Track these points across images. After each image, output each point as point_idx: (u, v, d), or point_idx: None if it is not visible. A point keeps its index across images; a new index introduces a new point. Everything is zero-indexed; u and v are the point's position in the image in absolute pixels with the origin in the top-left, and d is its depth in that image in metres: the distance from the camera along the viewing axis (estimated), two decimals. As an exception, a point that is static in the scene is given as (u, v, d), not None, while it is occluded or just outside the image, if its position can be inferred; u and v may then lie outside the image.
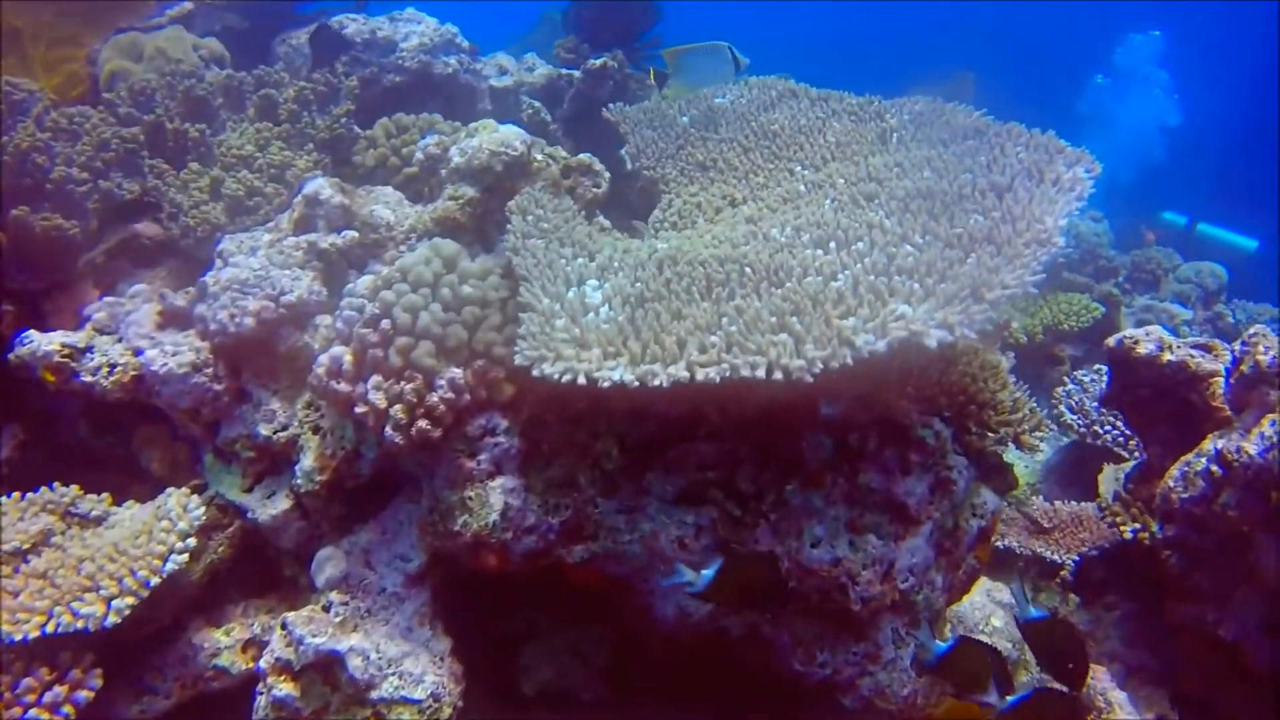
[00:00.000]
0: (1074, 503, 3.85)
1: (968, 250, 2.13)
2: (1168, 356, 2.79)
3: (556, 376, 1.94)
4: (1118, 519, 2.95)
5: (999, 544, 3.72)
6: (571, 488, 2.35)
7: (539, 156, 3.03)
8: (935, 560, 2.50)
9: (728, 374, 1.87)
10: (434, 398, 2.17)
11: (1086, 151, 2.55)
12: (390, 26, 3.70)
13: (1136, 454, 3.76)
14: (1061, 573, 3.53)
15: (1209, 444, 2.53)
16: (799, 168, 2.94)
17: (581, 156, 3.05)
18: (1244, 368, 2.43)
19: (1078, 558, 3.54)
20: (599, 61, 4.07)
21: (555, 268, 2.26)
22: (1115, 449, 3.92)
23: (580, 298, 2.15)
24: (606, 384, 1.91)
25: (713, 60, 3.30)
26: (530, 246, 2.35)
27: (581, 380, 1.92)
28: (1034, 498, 4.03)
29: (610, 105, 3.40)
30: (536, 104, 4.11)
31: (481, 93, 3.89)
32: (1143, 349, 2.83)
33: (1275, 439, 2.24)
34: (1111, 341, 2.92)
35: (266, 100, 3.29)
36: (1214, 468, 2.43)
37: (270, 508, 2.48)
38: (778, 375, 1.83)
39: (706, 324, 1.99)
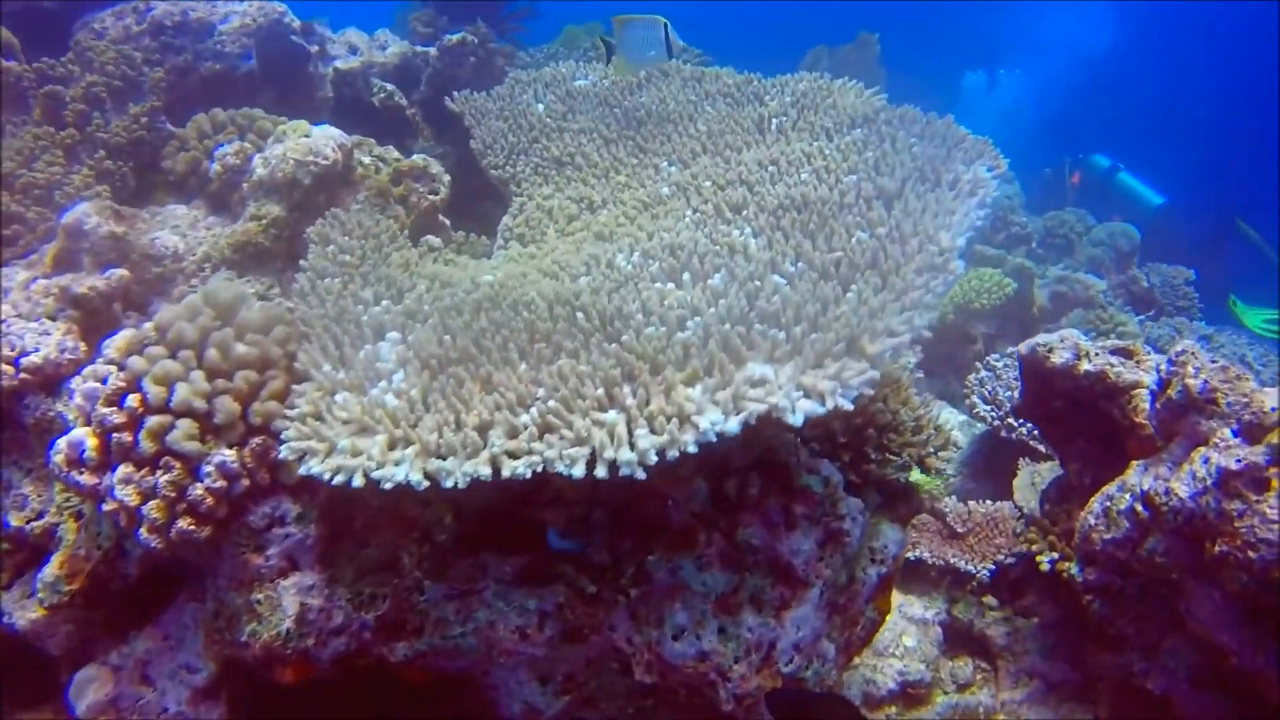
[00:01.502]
0: (989, 503, 3.50)
1: (848, 281, 1.69)
2: (1085, 366, 2.41)
3: (327, 478, 1.47)
4: (1034, 546, 2.58)
5: (910, 555, 3.37)
6: (392, 571, 1.90)
7: (365, 160, 2.53)
8: (827, 626, 2.11)
9: (540, 469, 1.42)
10: (198, 489, 1.69)
11: (990, 143, 2.12)
12: (206, 6, 3.12)
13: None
14: (976, 579, 3.18)
15: (1133, 476, 2.15)
16: (665, 163, 2.47)
17: (415, 159, 2.54)
18: (1171, 392, 2.04)
19: (993, 567, 3.20)
20: (456, 37, 3.54)
21: (348, 318, 1.78)
22: (1030, 442, 3.57)
23: (371, 360, 1.68)
24: (389, 486, 1.45)
25: (647, 36, 2.72)
26: (322, 290, 1.86)
27: (358, 482, 1.46)
28: (948, 497, 3.67)
29: (455, 94, 2.88)
30: (389, 87, 3.57)
31: (320, 79, 3.34)
32: (1057, 358, 2.44)
33: (1209, 480, 1.87)
34: (1023, 349, 2.53)
35: (51, 99, 2.71)
36: (1139, 507, 2.05)
37: (30, 610, 1.98)
38: (601, 472, 1.39)
39: (520, 397, 1.53)
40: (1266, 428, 1.90)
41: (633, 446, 1.40)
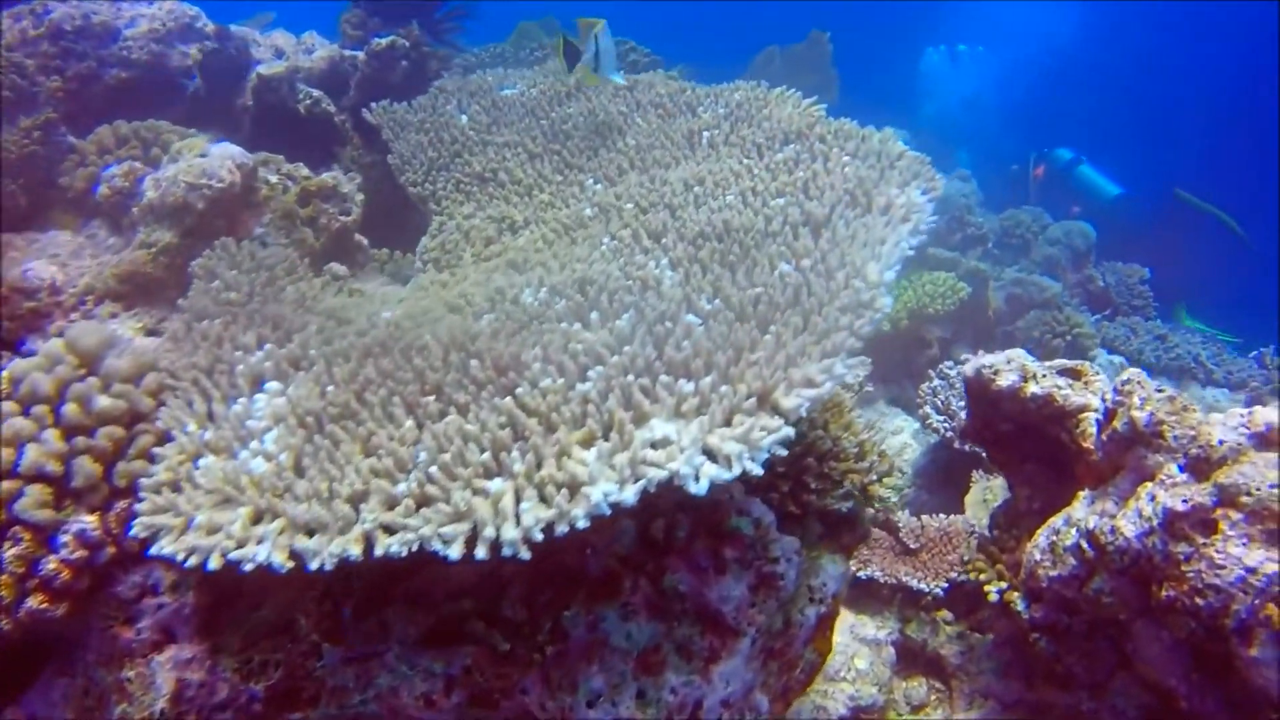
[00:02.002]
0: (942, 517, 3.38)
1: (767, 321, 1.54)
2: (1032, 389, 2.27)
3: (180, 561, 1.30)
4: (982, 575, 2.45)
5: (862, 573, 3.24)
6: (287, 635, 1.73)
7: (272, 179, 2.34)
8: (760, 675, 1.96)
9: (415, 547, 1.26)
10: (51, 563, 1.51)
11: (926, 161, 1.97)
12: (110, 8, 2.91)
13: (1005, 466, 3.28)
14: (927, 598, 3.06)
15: (1079, 510, 2.02)
16: (591, 180, 2.31)
17: (325, 177, 2.36)
18: (1117, 424, 1.91)
19: (947, 585, 3.08)
20: (385, 40, 3.34)
21: (221, 367, 1.60)
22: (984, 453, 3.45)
23: (242, 417, 1.50)
24: (249, 568, 1.28)
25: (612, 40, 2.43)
26: (197, 334, 1.68)
27: (214, 564, 1.29)
28: (901, 511, 3.54)
29: (374, 105, 2.70)
30: (315, 93, 3.36)
31: (240, 86, 3.14)
32: (1003, 381, 2.30)
33: (1155, 521, 1.73)
34: (968, 370, 2.39)
35: (-65, 113, 2.51)
36: (1084, 545, 1.92)
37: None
38: (481, 552, 1.23)
39: (400, 461, 1.37)
40: (1214, 462, 1.77)
41: (519, 520, 1.24)
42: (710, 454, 1.29)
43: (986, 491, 3.13)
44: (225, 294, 1.79)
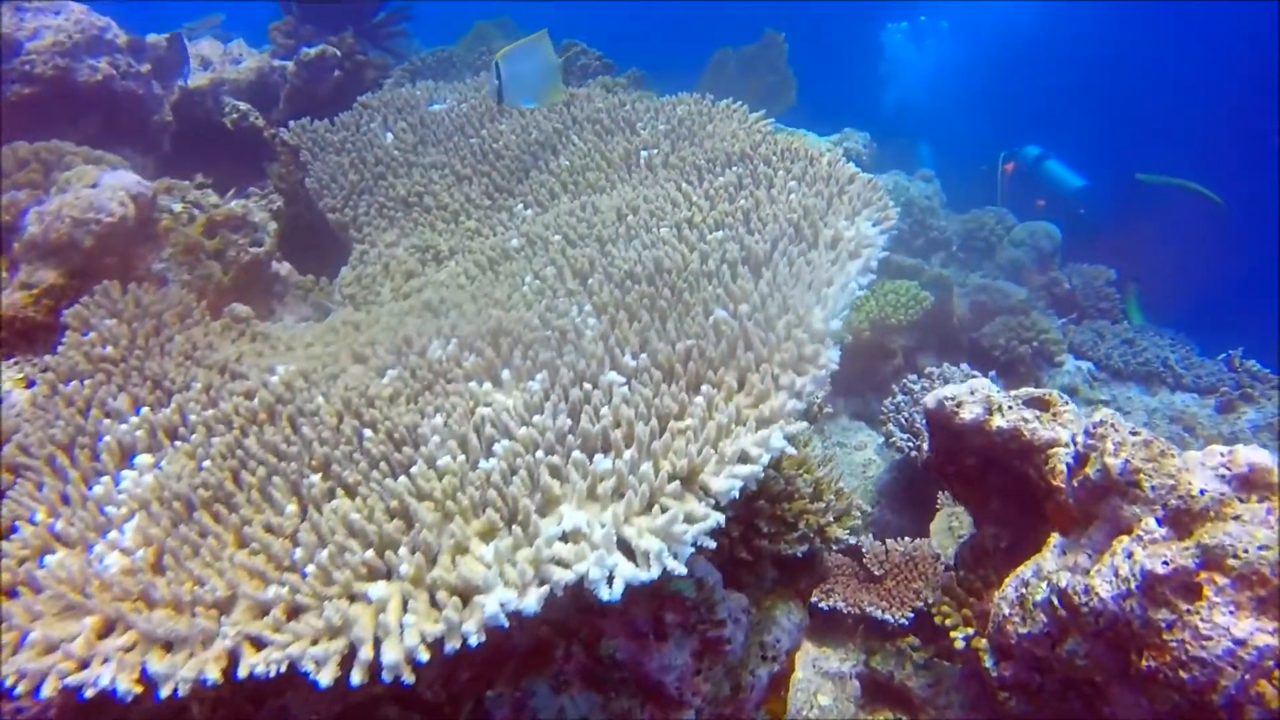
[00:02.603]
0: (907, 541, 3.21)
1: (698, 379, 1.35)
2: (997, 422, 2.10)
3: (9, 687, 1.10)
4: (948, 620, 2.28)
5: (823, 605, 3.08)
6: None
7: (176, 207, 2.12)
8: (709, 749, 1.79)
9: (282, 669, 1.06)
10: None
11: (878, 186, 1.79)
12: (13, 19, 2.68)
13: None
14: (902, 642, 2.89)
15: (1049, 561, 1.85)
16: (520, 206, 2.11)
17: (234, 205, 2.15)
18: (1089, 469, 1.74)
19: (912, 614, 2.91)
20: (315, 50, 3.12)
21: (84, 440, 1.40)
22: (950, 473, 3.28)
23: (102, 502, 1.30)
24: (91, 694, 1.08)
25: (536, 63, 2.09)
26: (59, 399, 1.47)
27: (48, 692, 1.09)
28: (864, 535, 3.37)
29: (290, 124, 2.48)
30: (243, 106, 3.14)
31: (155, 101, 2.91)
32: (967, 414, 2.12)
33: (1133, 583, 1.56)
34: (930, 402, 2.21)
35: None
36: (1055, 602, 1.75)
37: None
38: (357, 677, 1.04)
39: (274, 558, 1.17)
40: (1195, 515, 1.60)
41: (402, 640, 1.04)
42: (627, 547, 1.11)
43: (953, 518, 2.97)
44: (99, 349, 1.58)
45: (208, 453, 1.35)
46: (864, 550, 3.28)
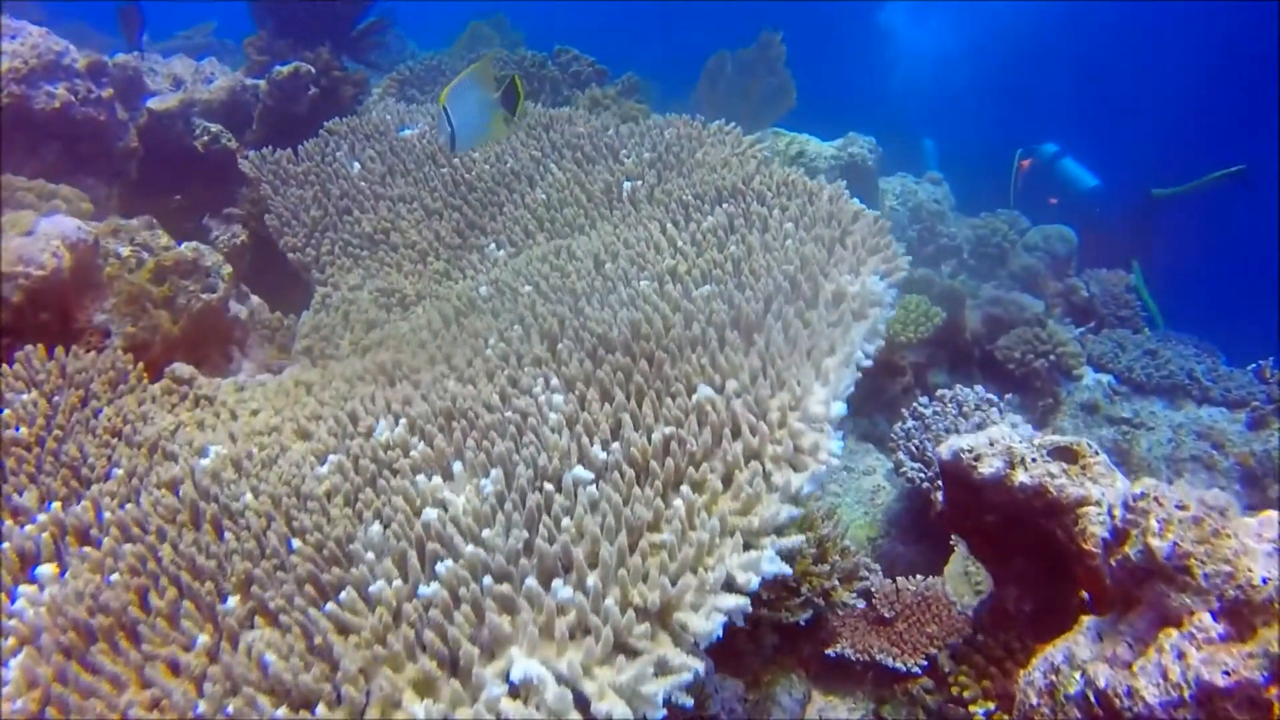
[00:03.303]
0: (919, 579, 2.99)
1: (678, 477, 1.14)
2: (1020, 478, 1.88)
3: None
4: (966, 692, 2.07)
5: (830, 651, 2.87)
6: None
7: (124, 251, 1.93)
8: None
9: None
10: None
11: (886, 228, 1.58)
12: (-39, 46, 2.48)
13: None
14: (912, 686, 2.68)
15: (1083, 648, 1.63)
16: (492, 246, 1.91)
17: (184, 249, 1.95)
18: (1129, 549, 1.52)
19: (925, 662, 2.70)
20: (288, 68, 2.92)
21: (-28, 552, 1.20)
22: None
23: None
24: None
25: (479, 103, 1.73)
26: (-48, 498, 1.27)
27: None
28: (874, 574, 3.15)
29: (250, 153, 2.28)
30: (214, 128, 2.95)
31: (118, 127, 2.71)
32: (986, 468, 1.91)
33: (1186, 691, 1.35)
34: (944, 453, 2.00)
35: None
36: (1091, 698, 1.54)
37: None
38: None
39: (179, 707, 0.97)
40: (1257, 608, 1.39)
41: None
42: (585, 705, 0.90)
43: (969, 563, 2.75)
44: (13, 429, 1.38)
45: (116, 564, 1.15)
46: (873, 590, 3.06)
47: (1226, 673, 1.32)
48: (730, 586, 0.99)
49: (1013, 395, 3.76)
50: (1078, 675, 1.61)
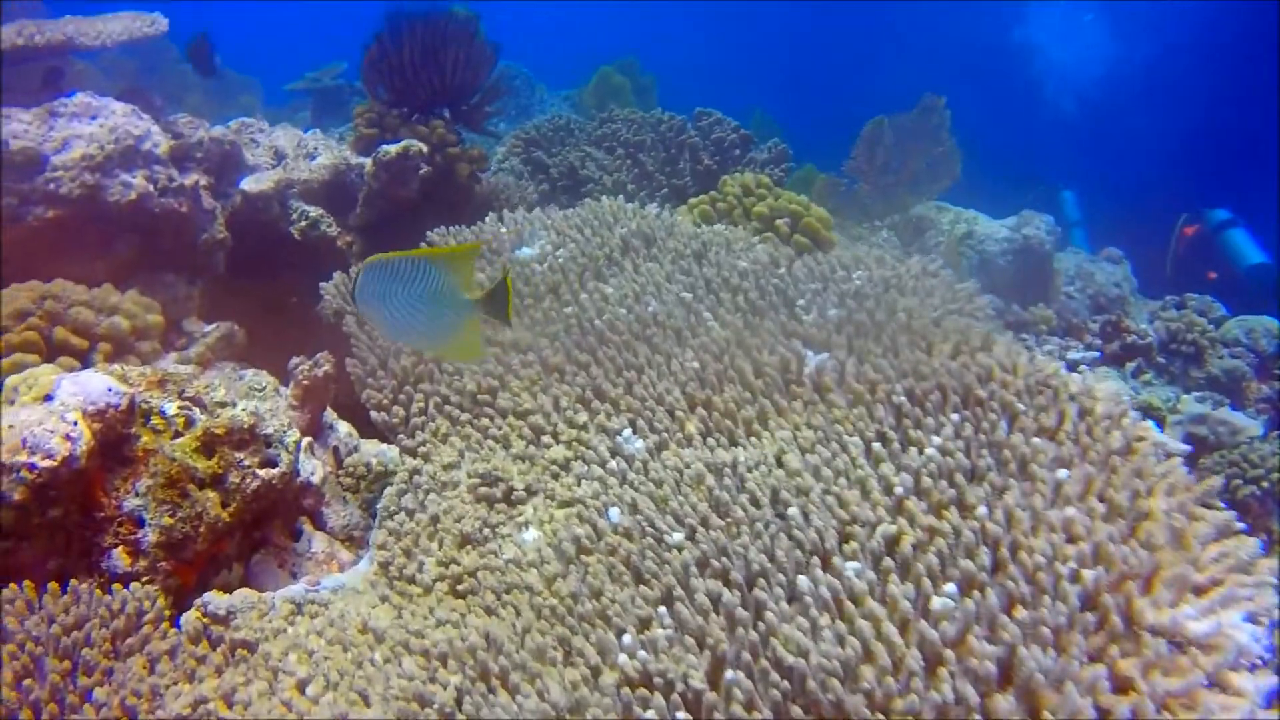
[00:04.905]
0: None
1: None
2: None
3: None
4: None
5: None
6: None
7: (170, 410, 1.53)
8: None
9: None
10: None
11: (1227, 511, 1.03)
12: (38, 129, 2.17)
13: None
14: None
15: None
16: (628, 430, 1.43)
17: (241, 412, 1.54)
18: None
19: None
20: (396, 147, 2.53)
21: None
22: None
23: None
24: None
25: (411, 285, 1.25)
26: None
27: None
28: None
29: (329, 282, 1.87)
30: (313, 212, 2.59)
31: (203, 216, 2.36)
32: None
33: None
34: None
35: None
36: None
37: None
38: None
39: None
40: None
41: None
42: None
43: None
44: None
45: None
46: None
47: None
48: None
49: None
50: None
